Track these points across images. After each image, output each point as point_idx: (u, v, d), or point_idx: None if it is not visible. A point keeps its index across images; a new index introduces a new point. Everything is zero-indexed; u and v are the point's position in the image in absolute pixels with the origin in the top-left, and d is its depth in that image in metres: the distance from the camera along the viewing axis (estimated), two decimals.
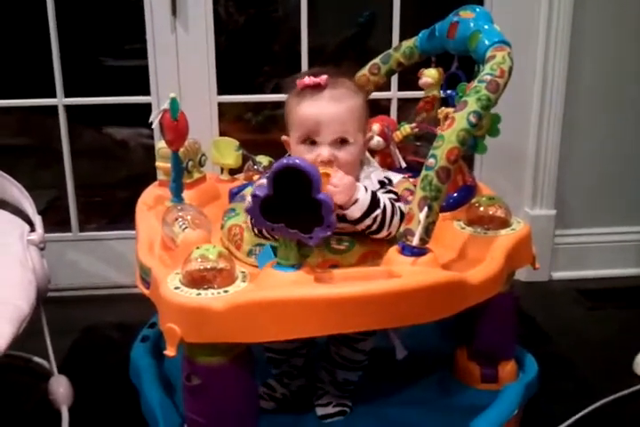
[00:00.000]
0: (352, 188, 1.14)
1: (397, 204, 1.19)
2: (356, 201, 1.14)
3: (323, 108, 1.17)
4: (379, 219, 1.16)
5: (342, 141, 1.18)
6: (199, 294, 1.06)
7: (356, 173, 1.22)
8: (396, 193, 1.24)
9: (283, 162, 1.03)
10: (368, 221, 1.16)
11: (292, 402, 1.33)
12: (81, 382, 1.48)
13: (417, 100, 1.58)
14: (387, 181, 1.25)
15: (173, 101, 1.28)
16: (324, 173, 1.13)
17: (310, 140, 1.18)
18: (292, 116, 1.21)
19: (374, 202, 1.16)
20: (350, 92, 1.20)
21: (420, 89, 1.54)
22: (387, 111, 1.96)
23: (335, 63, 2.44)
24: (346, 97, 1.19)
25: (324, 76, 1.17)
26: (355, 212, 1.15)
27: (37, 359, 1.54)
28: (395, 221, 1.17)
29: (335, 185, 1.12)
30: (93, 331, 1.79)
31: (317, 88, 1.18)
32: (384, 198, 1.18)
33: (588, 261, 2.11)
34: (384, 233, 1.18)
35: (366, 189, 1.17)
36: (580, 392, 1.53)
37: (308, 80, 1.18)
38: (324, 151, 1.16)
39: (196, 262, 1.09)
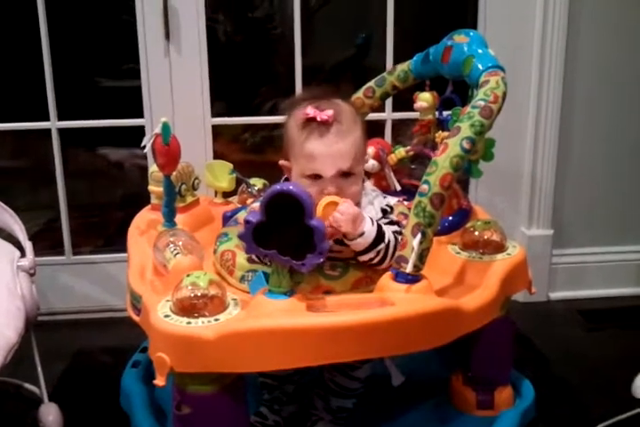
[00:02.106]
0: (358, 218, 1.14)
1: (400, 237, 1.19)
2: (362, 234, 1.14)
3: (331, 146, 1.16)
4: (382, 253, 1.17)
5: (347, 174, 1.18)
6: (189, 322, 1.05)
7: (357, 200, 1.21)
8: (398, 223, 1.24)
9: (276, 188, 1.03)
10: (372, 254, 1.17)
11: None
12: (72, 408, 1.45)
13: (411, 120, 1.57)
14: (389, 209, 1.25)
15: (165, 126, 1.27)
16: (331, 201, 1.13)
17: (315, 175, 1.18)
18: (296, 150, 1.19)
19: (380, 235, 1.16)
20: (352, 123, 1.19)
21: (415, 110, 1.53)
22: (381, 132, 1.95)
23: (332, 84, 2.44)
24: (350, 130, 1.18)
25: (331, 112, 1.16)
26: (360, 244, 1.15)
27: (28, 386, 1.52)
28: (397, 255, 1.17)
29: (342, 213, 1.12)
30: (86, 356, 1.76)
31: (324, 124, 1.16)
32: (389, 232, 1.18)
33: (586, 281, 2.09)
34: (385, 265, 1.18)
35: (372, 222, 1.17)
36: (578, 417, 1.51)
37: (312, 114, 1.16)
38: (329, 187, 1.16)
39: (187, 290, 1.08)
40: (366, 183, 1.29)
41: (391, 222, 1.22)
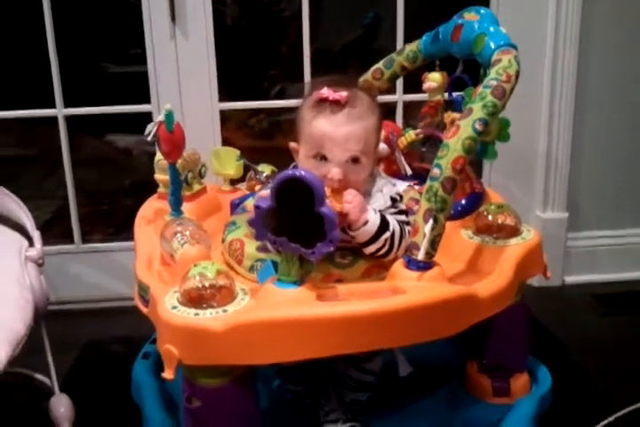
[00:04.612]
0: (364, 205, 1.12)
1: (407, 227, 1.16)
2: (366, 222, 1.12)
3: (338, 127, 1.13)
4: (388, 242, 1.14)
5: (354, 161, 1.15)
6: (197, 313, 1.03)
7: (364, 188, 1.19)
8: (406, 213, 1.21)
9: (287, 173, 1.00)
10: (378, 244, 1.14)
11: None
12: (83, 399, 1.45)
13: (423, 102, 1.54)
14: (398, 197, 1.22)
15: (168, 113, 1.24)
16: (334, 188, 1.11)
17: (321, 156, 1.15)
18: (305, 129, 1.17)
19: (384, 223, 1.14)
20: (367, 110, 1.16)
21: (424, 91, 1.50)
22: (392, 114, 1.92)
23: (340, 65, 2.41)
24: (363, 116, 1.15)
25: (344, 94, 1.13)
26: (365, 233, 1.12)
27: (39, 376, 1.52)
28: (403, 245, 1.14)
29: (350, 201, 1.10)
30: (97, 346, 1.75)
31: (336, 104, 1.14)
32: (393, 221, 1.16)
33: (601, 265, 2.05)
34: (391, 256, 1.16)
35: (375, 211, 1.14)
36: (595, 404, 1.49)
37: (326, 93, 1.14)
38: (334, 171, 1.13)
39: (194, 280, 1.06)
40: (377, 170, 1.26)
41: (399, 212, 1.20)
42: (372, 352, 1.20)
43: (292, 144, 1.22)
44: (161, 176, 1.42)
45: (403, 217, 1.19)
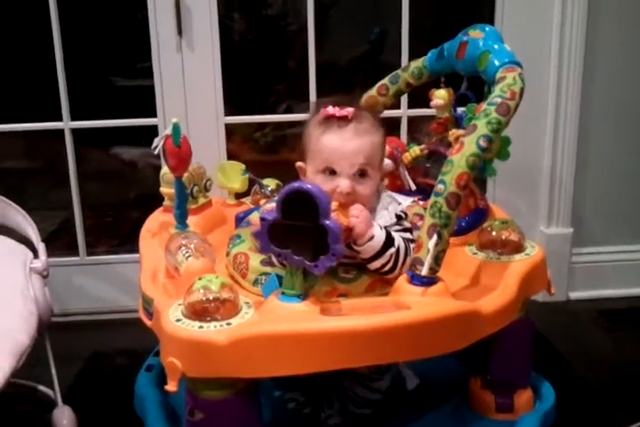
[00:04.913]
0: (370, 220, 1.13)
1: (412, 245, 1.17)
2: (372, 237, 1.12)
3: (347, 141, 1.15)
4: (393, 257, 1.14)
5: (362, 174, 1.16)
6: (201, 326, 1.03)
7: (370, 205, 1.20)
8: (411, 231, 1.21)
9: (292, 186, 1.01)
10: (383, 260, 1.14)
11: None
12: (86, 411, 1.45)
13: (427, 117, 1.55)
14: (404, 215, 1.23)
15: (175, 127, 1.25)
16: (342, 202, 1.12)
17: (330, 171, 1.16)
18: (313, 145, 1.18)
19: (389, 239, 1.14)
20: (372, 127, 1.19)
21: (431, 107, 1.50)
22: (397, 129, 1.93)
23: (347, 80, 2.42)
24: (369, 131, 1.18)
25: (351, 109, 1.16)
26: (371, 248, 1.13)
27: (43, 388, 1.52)
28: (407, 262, 1.15)
29: (356, 215, 1.11)
30: (100, 358, 1.76)
31: (343, 120, 1.16)
32: (398, 237, 1.17)
33: (606, 281, 2.05)
34: (395, 273, 1.16)
35: (380, 227, 1.15)
36: (599, 420, 1.48)
37: (333, 110, 1.16)
38: (344, 183, 1.14)
39: (198, 294, 1.06)
40: (382, 188, 1.27)
41: (404, 229, 1.20)
42: (381, 370, 1.20)
43: (299, 163, 1.23)
44: (166, 189, 1.43)
45: (407, 235, 1.20)
